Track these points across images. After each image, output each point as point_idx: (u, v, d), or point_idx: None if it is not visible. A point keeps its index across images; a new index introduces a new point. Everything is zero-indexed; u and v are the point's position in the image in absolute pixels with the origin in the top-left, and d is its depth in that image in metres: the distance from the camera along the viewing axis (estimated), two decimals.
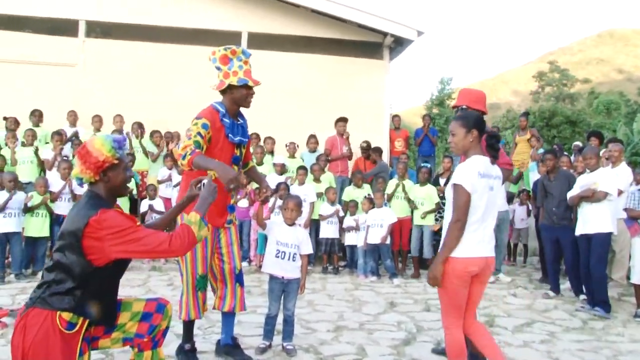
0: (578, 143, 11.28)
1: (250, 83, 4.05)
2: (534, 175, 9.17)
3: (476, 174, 3.36)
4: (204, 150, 3.81)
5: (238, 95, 4.08)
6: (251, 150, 9.30)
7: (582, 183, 6.41)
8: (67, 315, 2.69)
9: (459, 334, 3.45)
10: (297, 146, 9.53)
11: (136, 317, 3.03)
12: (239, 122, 4.17)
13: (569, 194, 6.59)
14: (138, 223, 2.81)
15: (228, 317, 4.27)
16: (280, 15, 11.00)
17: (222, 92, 4.11)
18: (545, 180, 7.21)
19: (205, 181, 3.22)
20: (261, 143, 9.49)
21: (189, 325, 4.15)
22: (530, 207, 9.14)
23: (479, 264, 3.40)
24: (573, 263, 6.76)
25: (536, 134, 10.94)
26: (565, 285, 7.12)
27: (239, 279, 4.19)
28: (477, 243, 3.38)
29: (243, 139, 4.15)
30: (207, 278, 4.09)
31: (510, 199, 9.12)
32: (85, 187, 2.94)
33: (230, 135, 4.01)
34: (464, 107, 4.15)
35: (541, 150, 10.34)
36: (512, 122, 26.03)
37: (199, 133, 3.80)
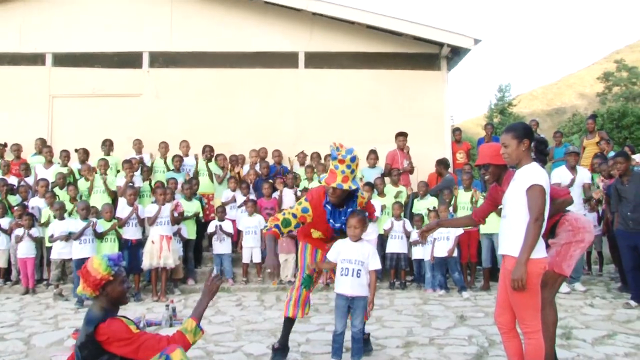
0: None
1: (323, 182, 4.49)
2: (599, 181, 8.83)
3: (546, 176, 3.56)
4: (302, 224, 4.54)
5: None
6: (314, 169, 9.45)
7: None
8: None
9: (542, 338, 3.52)
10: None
11: None
12: (341, 209, 4.52)
13: None
14: (138, 330, 3.18)
15: None
16: (335, 33, 11.09)
17: None
18: (619, 184, 6.89)
19: (214, 274, 3.38)
20: (322, 161, 9.57)
21: (286, 324, 4.72)
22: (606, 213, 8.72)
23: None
24: None
25: (605, 136, 10.50)
26: None
27: None
28: (541, 242, 3.52)
29: (342, 225, 4.52)
30: (312, 280, 4.71)
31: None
32: None
33: (331, 220, 4.51)
34: (486, 165, 4.13)
35: (612, 154, 9.91)
36: (579, 126, 25.07)
37: (294, 214, 4.46)
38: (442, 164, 9.62)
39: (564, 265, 4.07)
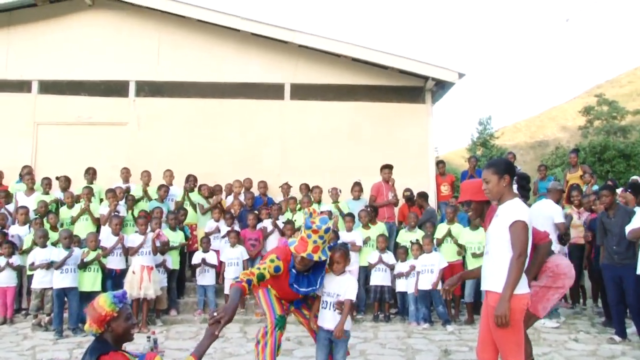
0: (636, 177, 10.80)
1: (292, 249, 4.35)
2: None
3: (528, 212, 3.57)
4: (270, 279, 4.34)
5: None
6: (298, 200, 9.45)
7: None
8: None
9: None
10: (340, 191, 9.57)
11: None
12: (305, 274, 4.44)
13: (628, 228, 6.33)
14: None
15: None
16: (321, 65, 11.21)
17: None
18: (605, 218, 6.92)
19: (213, 314, 3.52)
20: (310, 193, 9.58)
21: None
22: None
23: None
24: (638, 305, 6.42)
25: (589, 170, 10.64)
26: (632, 329, 6.75)
27: None
28: (524, 278, 3.53)
29: (308, 290, 4.47)
30: (285, 320, 4.55)
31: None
32: None
33: (294, 285, 4.40)
34: (468, 201, 4.28)
35: (595, 187, 10.01)
36: (562, 159, 25.35)
37: (267, 269, 4.24)
38: (422, 196, 9.69)
39: (539, 307, 4.11)
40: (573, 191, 9.01)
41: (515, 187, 3.91)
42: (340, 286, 4.43)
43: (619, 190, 8.51)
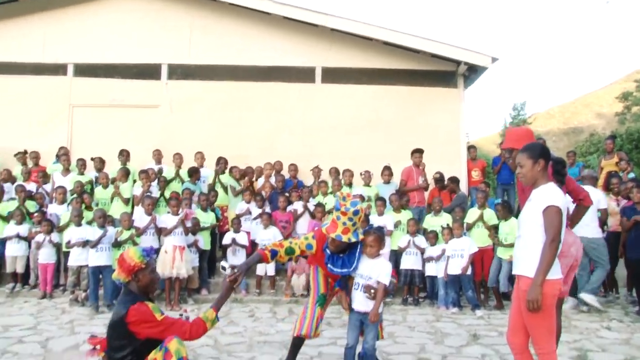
0: None
1: (324, 230, 4.43)
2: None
3: (563, 197, 3.57)
4: (305, 257, 4.61)
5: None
6: (329, 184, 9.48)
7: None
8: None
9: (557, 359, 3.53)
10: (372, 174, 9.58)
11: None
12: (341, 255, 4.46)
13: None
14: (163, 315, 3.57)
15: None
16: (353, 49, 11.16)
17: None
18: None
19: (225, 266, 4.03)
20: (340, 176, 9.61)
21: (296, 343, 4.67)
22: None
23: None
24: None
25: (625, 157, 10.41)
26: None
27: None
28: (557, 264, 3.51)
29: (342, 271, 4.47)
30: (326, 298, 4.71)
31: None
32: None
33: (329, 265, 4.47)
34: (510, 149, 4.27)
35: (632, 175, 9.81)
36: (597, 146, 24.76)
37: (299, 246, 4.48)
38: (454, 181, 9.62)
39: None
40: (612, 178, 8.84)
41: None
42: (373, 269, 4.44)
43: None
